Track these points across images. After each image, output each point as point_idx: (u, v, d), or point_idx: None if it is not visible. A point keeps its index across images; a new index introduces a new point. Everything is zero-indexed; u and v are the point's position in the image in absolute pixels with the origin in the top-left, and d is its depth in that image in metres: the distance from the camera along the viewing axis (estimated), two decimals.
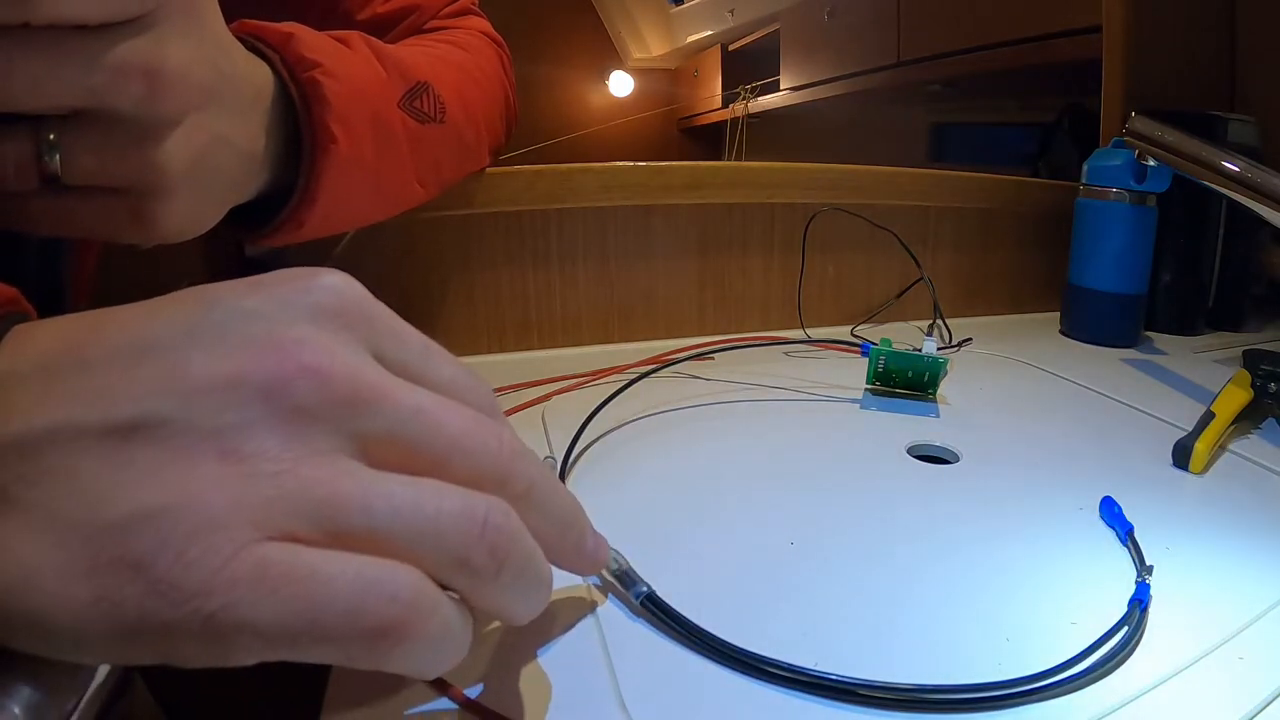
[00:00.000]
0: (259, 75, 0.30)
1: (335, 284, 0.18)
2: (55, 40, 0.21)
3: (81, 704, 0.19)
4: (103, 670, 0.20)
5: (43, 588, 0.15)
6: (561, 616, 0.26)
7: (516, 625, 0.20)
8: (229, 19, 0.28)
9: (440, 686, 0.22)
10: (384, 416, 0.17)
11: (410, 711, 0.21)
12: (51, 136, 0.22)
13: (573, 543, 0.22)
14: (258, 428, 0.16)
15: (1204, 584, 0.29)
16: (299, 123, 0.31)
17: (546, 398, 0.46)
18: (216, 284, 0.18)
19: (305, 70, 0.31)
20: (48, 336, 0.17)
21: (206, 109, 0.26)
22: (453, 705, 0.21)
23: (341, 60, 0.33)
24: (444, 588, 0.18)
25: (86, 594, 0.15)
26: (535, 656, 0.24)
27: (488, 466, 0.19)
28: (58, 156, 0.23)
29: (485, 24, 0.53)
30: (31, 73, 0.21)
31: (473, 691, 0.22)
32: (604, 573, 0.27)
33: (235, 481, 0.16)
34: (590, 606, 0.26)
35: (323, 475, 0.16)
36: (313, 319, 0.18)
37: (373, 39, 0.37)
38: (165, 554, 0.15)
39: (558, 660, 0.23)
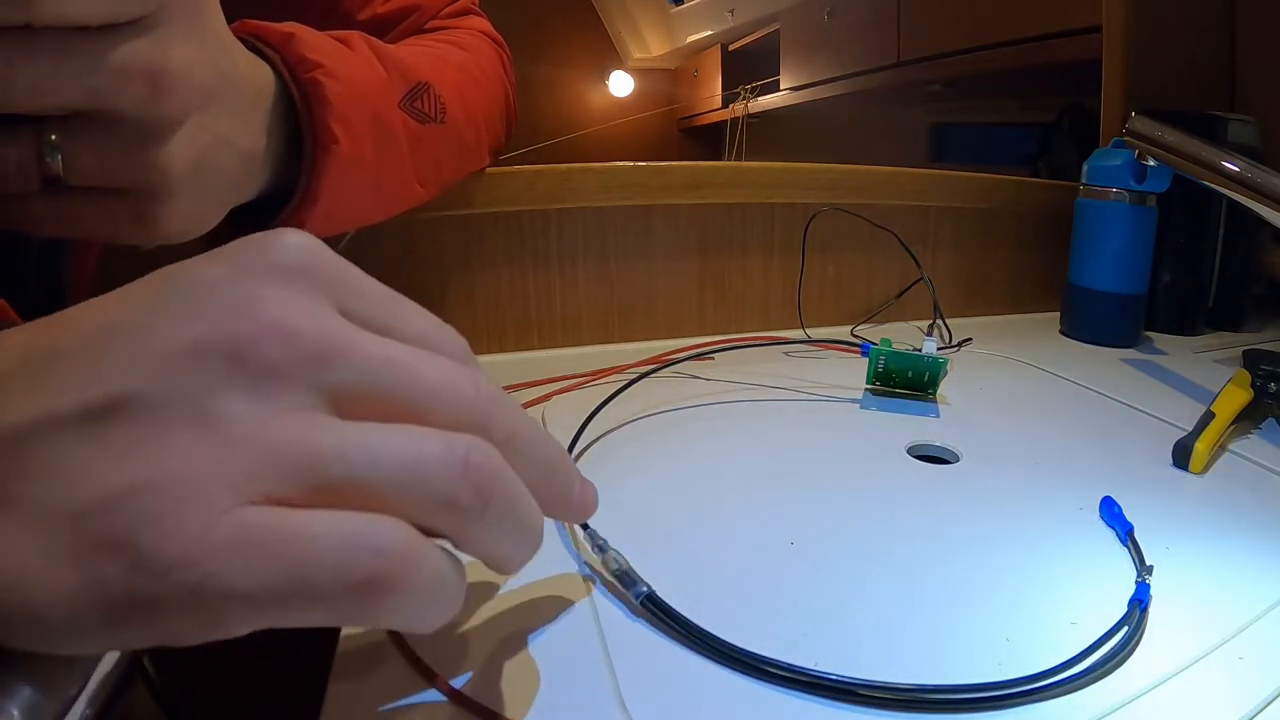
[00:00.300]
0: (260, 76, 0.30)
1: (296, 242, 0.18)
2: (57, 41, 0.21)
3: (81, 703, 0.19)
4: (103, 669, 0.20)
5: (35, 581, 0.14)
6: (559, 611, 0.26)
7: (508, 573, 0.20)
8: (230, 19, 0.28)
9: (432, 678, 0.22)
10: (353, 369, 0.17)
11: (406, 703, 0.21)
12: (53, 137, 0.22)
13: (560, 489, 0.21)
14: (226, 391, 0.16)
15: (1204, 584, 0.29)
16: (300, 123, 0.31)
17: (546, 398, 0.46)
18: (181, 261, 0.18)
19: (306, 71, 0.31)
20: (28, 335, 0.17)
21: (208, 110, 0.26)
22: (447, 701, 0.21)
23: (342, 61, 0.33)
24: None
25: (74, 579, 0.14)
26: (535, 656, 0.24)
27: (465, 413, 0.18)
28: (60, 157, 0.23)
29: (485, 24, 0.53)
30: (33, 74, 0.21)
31: (470, 691, 0.22)
32: (604, 573, 0.27)
33: (209, 448, 0.15)
34: (587, 591, 0.27)
35: (294, 433, 0.16)
36: (276, 279, 0.17)
37: (373, 39, 0.37)
38: (144, 529, 0.15)
39: (558, 660, 0.23)
